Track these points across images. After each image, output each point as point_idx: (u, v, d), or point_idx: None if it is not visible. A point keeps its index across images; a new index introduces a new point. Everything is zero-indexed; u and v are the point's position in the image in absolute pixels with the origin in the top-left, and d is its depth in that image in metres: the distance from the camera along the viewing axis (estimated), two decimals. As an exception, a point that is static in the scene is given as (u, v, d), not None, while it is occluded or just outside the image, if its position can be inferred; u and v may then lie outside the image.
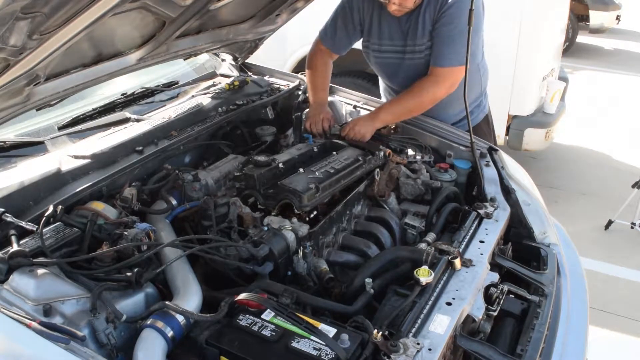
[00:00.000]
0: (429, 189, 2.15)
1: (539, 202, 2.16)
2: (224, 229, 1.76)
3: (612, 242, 4.13)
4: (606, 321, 3.22)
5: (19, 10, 1.21)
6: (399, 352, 1.25)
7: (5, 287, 1.31)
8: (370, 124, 2.32)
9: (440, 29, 2.24)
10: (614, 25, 10.18)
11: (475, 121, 2.61)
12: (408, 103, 2.36)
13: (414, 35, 2.31)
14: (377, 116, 2.35)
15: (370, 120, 2.33)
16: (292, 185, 1.82)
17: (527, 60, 4.32)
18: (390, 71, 2.54)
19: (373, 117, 2.35)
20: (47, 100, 1.82)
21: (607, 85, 7.97)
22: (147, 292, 1.42)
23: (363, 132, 2.29)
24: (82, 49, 1.80)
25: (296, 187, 1.81)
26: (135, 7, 1.74)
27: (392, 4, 2.20)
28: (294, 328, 1.29)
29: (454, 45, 2.21)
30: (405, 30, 2.33)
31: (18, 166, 1.83)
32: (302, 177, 1.90)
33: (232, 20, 2.43)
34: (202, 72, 2.88)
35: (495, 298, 1.60)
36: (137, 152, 2.02)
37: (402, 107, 2.37)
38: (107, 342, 1.27)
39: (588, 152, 5.77)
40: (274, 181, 1.89)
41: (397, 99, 2.42)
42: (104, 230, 1.61)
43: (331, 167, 2.00)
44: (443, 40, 2.24)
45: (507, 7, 4.16)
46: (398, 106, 2.38)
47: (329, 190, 1.91)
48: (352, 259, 1.84)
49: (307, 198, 1.80)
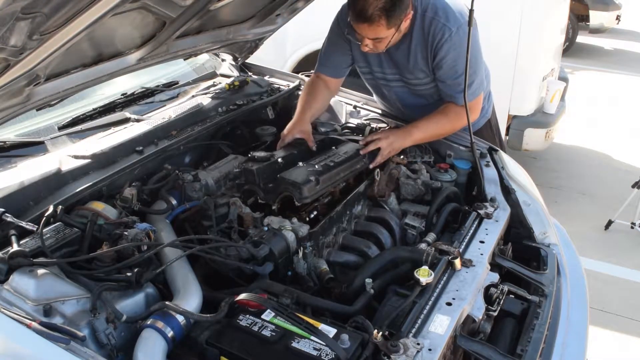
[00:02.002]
0: (429, 189, 2.14)
1: (539, 202, 2.16)
2: (224, 229, 1.76)
3: (612, 242, 4.13)
4: (606, 321, 3.22)
5: (19, 11, 1.21)
6: (399, 352, 1.25)
7: (5, 287, 1.31)
8: (402, 142, 2.20)
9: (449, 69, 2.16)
10: (614, 25, 10.19)
11: (476, 126, 2.60)
12: (444, 127, 2.28)
13: (404, 68, 2.28)
14: (410, 134, 2.22)
15: (403, 138, 2.20)
16: (291, 178, 1.81)
17: (527, 60, 4.32)
18: (381, 94, 2.53)
19: (406, 135, 2.21)
20: (47, 100, 1.82)
21: (607, 85, 7.97)
22: (147, 292, 1.41)
23: (397, 149, 2.21)
24: (82, 49, 1.80)
25: (296, 180, 1.80)
26: (135, 7, 1.74)
27: (365, 46, 2.12)
28: (294, 328, 1.29)
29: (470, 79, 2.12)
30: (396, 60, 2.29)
31: (18, 166, 1.83)
32: (302, 170, 1.89)
33: (232, 20, 2.44)
34: (202, 72, 2.88)
35: (495, 298, 1.60)
36: (137, 152, 2.02)
37: (436, 130, 2.28)
38: (107, 342, 1.27)
39: (588, 152, 5.77)
40: (273, 175, 1.89)
41: (433, 120, 2.27)
42: (104, 230, 1.61)
43: (331, 161, 1.99)
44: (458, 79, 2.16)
45: (507, 7, 4.17)
46: (434, 127, 2.27)
47: (329, 183, 1.90)
48: (352, 259, 1.84)
49: (308, 190, 1.79)
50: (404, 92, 2.40)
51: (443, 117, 2.26)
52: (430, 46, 2.15)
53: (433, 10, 2.12)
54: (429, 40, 2.14)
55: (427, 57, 2.19)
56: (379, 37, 2.05)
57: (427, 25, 2.12)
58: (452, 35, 2.09)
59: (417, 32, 2.15)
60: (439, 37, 2.11)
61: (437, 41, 2.12)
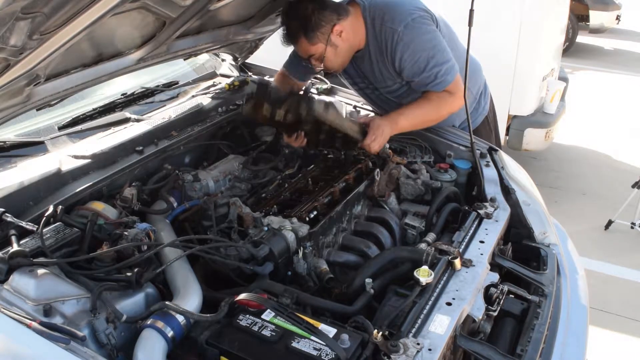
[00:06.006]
0: (429, 189, 2.15)
1: (539, 202, 2.16)
2: (224, 229, 1.76)
3: (612, 242, 4.13)
4: (606, 321, 3.22)
5: (19, 11, 1.21)
6: (399, 352, 1.25)
7: (5, 287, 1.31)
8: (389, 130, 2.15)
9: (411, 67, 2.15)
10: (614, 25, 10.19)
11: (475, 123, 2.60)
12: (429, 114, 2.24)
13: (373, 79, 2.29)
14: (396, 122, 2.17)
15: (390, 127, 2.15)
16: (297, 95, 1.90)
17: (527, 60, 4.33)
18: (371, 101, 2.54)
19: (392, 122, 2.16)
20: (47, 100, 1.82)
21: (607, 85, 7.97)
22: (147, 292, 1.42)
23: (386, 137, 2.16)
24: (82, 49, 1.79)
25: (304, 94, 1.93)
26: (135, 7, 1.74)
27: (313, 65, 2.19)
28: (294, 328, 1.29)
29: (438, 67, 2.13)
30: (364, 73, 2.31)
31: (18, 166, 1.83)
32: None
33: (232, 20, 2.43)
34: (202, 72, 2.88)
35: (495, 298, 1.60)
36: (137, 152, 2.02)
37: (421, 117, 2.24)
38: (107, 342, 1.27)
39: (588, 152, 5.77)
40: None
41: (417, 106, 2.24)
42: (104, 230, 1.61)
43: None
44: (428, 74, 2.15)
45: (507, 7, 4.17)
46: (418, 114, 2.23)
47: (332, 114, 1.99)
48: (352, 259, 1.84)
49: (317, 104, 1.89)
50: (387, 99, 2.42)
51: (426, 103, 2.25)
52: (385, 52, 2.18)
53: (380, 17, 2.15)
54: (383, 48, 2.17)
55: (386, 64, 2.21)
56: (310, 54, 2.14)
57: (378, 33, 2.16)
58: (401, 35, 2.11)
59: (372, 43, 2.19)
60: (389, 41, 2.14)
61: (390, 46, 2.15)
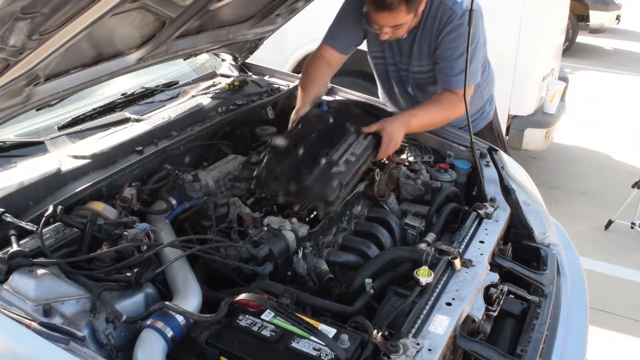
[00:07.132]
0: (429, 189, 2.14)
1: (539, 202, 2.16)
2: (224, 229, 1.76)
3: (612, 242, 4.13)
4: (606, 321, 3.22)
5: (18, 11, 1.21)
6: (399, 352, 1.25)
7: (5, 287, 1.31)
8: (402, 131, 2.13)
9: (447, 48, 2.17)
10: (614, 25, 10.20)
11: (477, 127, 2.61)
12: (439, 116, 2.25)
13: (410, 54, 2.30)
14: (409, 124, 2.15)
15: (402, 127, 2.12)
16: (317, 189, 1.78)
17: (527, 61, 4.32)
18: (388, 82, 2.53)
19: (405, 125, 2.13)
20: (47, 100, 1.82)
21: (607, 85, 7.97)
22: (147, 292, 1.41)
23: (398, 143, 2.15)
24: (82, 49, 1.80)
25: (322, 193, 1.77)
26: (135, 7, 1.74)
27: (384, 34, 2.13)
28: (294, 328, 1.29)
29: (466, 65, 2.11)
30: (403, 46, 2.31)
31: (18, 166, 1.83)
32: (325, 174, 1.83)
33: (232, 20, 2.43)
34: (202, 72, 2.88)
35: (495, 298, 1.60)
36: (137, 152, 2.02)
37: (431, 119, 2.24)
38: (107, 342, 1.27)
39: (588, 152, 5.77)
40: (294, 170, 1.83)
41: (428, 108, 2.25)
42: (104, 230, 1.61)
43: (352, 154, 1.95)
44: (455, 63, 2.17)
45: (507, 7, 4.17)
46: (429, 115, 2.23)
47: (351, 183, 1.91)
48: (352, 259, 1.84)
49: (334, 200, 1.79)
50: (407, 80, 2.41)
51: (436, 105, 2.26)
52: (436, 29, 2.19)
53: None
54: (435, 24, 2.18)
55: (430, 40, 2.22)
56: (399, 23, 2.09)
57: (435, 9, 2.17)
58: (457, 19, 2.14)
59: (425, 18, 2.20)
60: (445, 19, 2.16)
61: (443, 23, 2.16)
